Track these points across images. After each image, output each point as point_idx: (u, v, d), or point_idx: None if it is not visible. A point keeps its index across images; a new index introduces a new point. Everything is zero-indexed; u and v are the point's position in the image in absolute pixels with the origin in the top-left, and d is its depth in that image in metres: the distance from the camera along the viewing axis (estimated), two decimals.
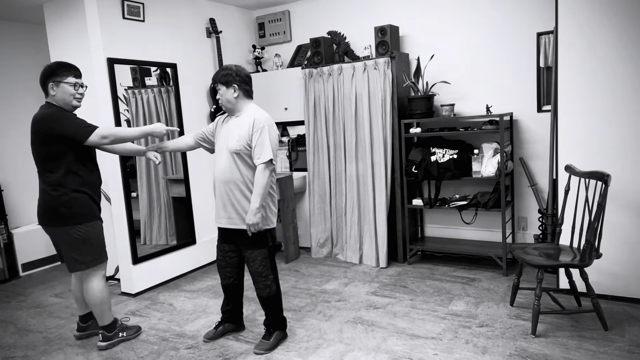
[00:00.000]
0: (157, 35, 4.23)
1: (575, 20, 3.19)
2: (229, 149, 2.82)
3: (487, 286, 3.74)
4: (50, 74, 2.82)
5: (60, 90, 2.82)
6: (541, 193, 4.11)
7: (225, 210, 2.89)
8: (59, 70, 2.83)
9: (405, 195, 4.32)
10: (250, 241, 2.87)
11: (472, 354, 2.74)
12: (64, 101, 2.84)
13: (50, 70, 2.83)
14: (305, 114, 4.67)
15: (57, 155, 2.80)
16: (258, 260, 2.90)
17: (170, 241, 4.45)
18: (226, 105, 2.89)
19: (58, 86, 2.81)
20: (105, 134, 2.85)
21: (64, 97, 2.83)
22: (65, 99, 2.83)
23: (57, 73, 2.82)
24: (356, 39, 4.65)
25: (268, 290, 2.94)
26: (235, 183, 2.82)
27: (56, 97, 2.82)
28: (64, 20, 3.98)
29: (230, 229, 2.92)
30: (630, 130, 3.13)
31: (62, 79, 2.82)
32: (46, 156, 2.82)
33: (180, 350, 3.05)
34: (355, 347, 2.92)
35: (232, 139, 2.83)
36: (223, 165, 2.86)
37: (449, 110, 4.15)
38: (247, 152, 2.79)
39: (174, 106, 4.37)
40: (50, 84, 2.81)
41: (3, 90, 4.93)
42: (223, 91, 2.85)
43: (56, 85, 2.81)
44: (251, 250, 2.90)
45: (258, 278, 2.93)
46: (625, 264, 3.23)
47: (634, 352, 2.65)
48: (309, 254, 4.88)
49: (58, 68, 2.84)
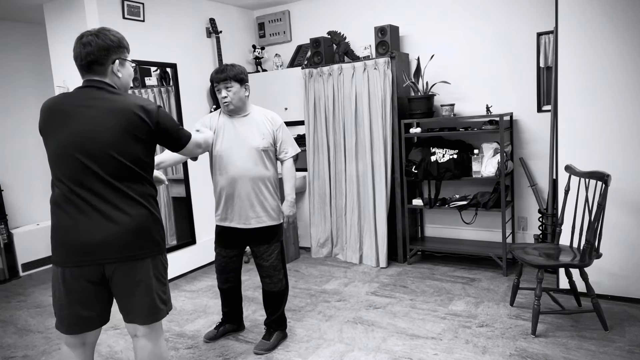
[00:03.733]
0: (157, 35, 4.23)
1: (575, 20, 3.19)
2: (253, 147, 2.77)
3: (487, 286, 3.74)
4: (118, 47, 1.99)
5: (126, 72, 2.04)
6: (541, 193, 4.11)
7: (253, 210, 2.81)
8: (125, 43, 2.03)
9: (405, 195, 4.32)
10: (268, 236, 2.86)
11: (472, 354, 2.74)
12: (127, 86, 2.08)
13: (118, 41, 1.99)
14: (305, 114, 4.67)
15: (149, 157, 2.02)
16: (275, 254, 2.89)
17: (170, 241, 4.45)
18: (236, 104, 2.79)
19: (124, 65, 2.02)
20: (200, 141, 2.22)
21: (128, 81, 2.08)
22: (129, 83, 2.09)
23: (124, 47, 2.02)
24: (356, 39, 4.65)
25: (280, 284, 2.94)
26: (263, 180, 2.80)
27: (122, 79, 2.02)
28: (64, 20, 3.98)
29: (244, 229, 2.85)
30: (630, 130, 3.13)
31: (127, 57, 2.04)
32: (138, 159, 1.95)
33: (180, 350, 3.05)
34: (355, 347, 2.92)
35: (254, 137, 2.79)
36: (246, 164, 2.77)
37: (449, 110, 4.15)
38: (272, 149, 2.86)
39: (174, 106, 4.37)
40: (117, 60, 1.98)
41: (3, 90, 4.93)
42: (236, 89, 2.75)
43: (122, 64, 2.01)
44: (268, 245, 2.87)
45: (273, 272, 2.90)
46: (625, 264, 3.23)
47: (634, 352, 2.65)
48: (309, 254, 4.88)
49: (124, 40, 2.04)
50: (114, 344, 3.19)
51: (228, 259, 2.97)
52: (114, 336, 3.30)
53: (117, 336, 3.30)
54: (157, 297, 2.01)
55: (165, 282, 2.06)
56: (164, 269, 2.06)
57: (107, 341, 3.24)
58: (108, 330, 3.41)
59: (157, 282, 2.01)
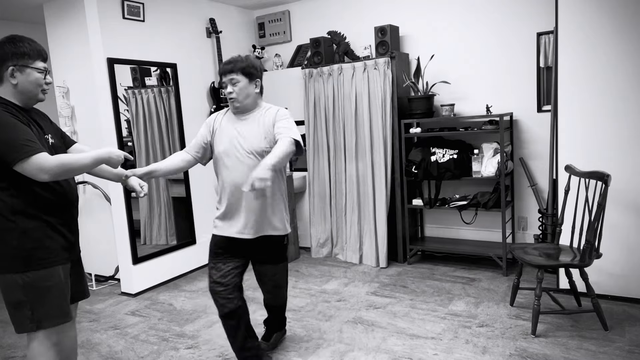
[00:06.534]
0: (157, 35, 4.23)
1: (575, 20, 3.19)
2: (255, 150, 2.41)
3: (487, 286, 3.74)
4: (11, 54, 1.92)
5: (25, 79, 1.95)
6: (541, 193, 4.11)
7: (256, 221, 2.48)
8: (22, 48, 1.93)
9: (405, 195, 4.32)
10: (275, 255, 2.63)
11: (472, 354, 2.74)
12: (28, 94, 1.98)
13: (11, 48, 1.92)
14: (305, 114, 4.67)
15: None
16: (280, 273, 2.70)
17: (170, 241, 4.45)
18: (243, 101, 2.44)
19: (23, 72, 1.94)
20: (49, 166, 1.85)
21: (29, 87, 1.96)
22: (30, 90, 1.97)
23: (22, 53, 1.93)
24: (356, 39, 4.65)
25: (282, 299, 2.83)
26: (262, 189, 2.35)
27: (18, 87, 1.94)
28: (64, 20, 3.98)
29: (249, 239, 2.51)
30: (630, 130, 3.13)
31: (29, 62, 1.95)
32: None
33: (180, 350, 3.05)
34: (355, 347, 2.92)
35: (256, 139, 2.43)
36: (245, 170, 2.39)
37: (449, 110, 4.15)
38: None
39: (174, 106, 4.37)
40: (11, 67, 1.92)
41: None
42: (244, 84, 2.40)
43: (20, 70, 1.93)
44: (273, 265, 2.65)
45: (278, 291, 2.74)
46: (625, 264, 3.23)
47: (634, 352, 2.65)
48: (309, 254, 4.88)
49: (21, 45, 1.93)
50: (114, 344, 3.19)
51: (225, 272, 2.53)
52: (113, 336, 3.31)
53: (117, 336, 3.30)
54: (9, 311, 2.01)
55: (14, 304, 1.97)
56: (10, 289, 1.96)
57: (107, 341, 3.24)
58: (108, 330, 3.41)
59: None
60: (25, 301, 1.95)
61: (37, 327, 1.98)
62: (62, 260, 2.03)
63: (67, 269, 2.08)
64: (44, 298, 1.97)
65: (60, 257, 2.02)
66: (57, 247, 2.01)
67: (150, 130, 4.27)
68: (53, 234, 2.00)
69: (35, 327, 1.98)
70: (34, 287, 1.95)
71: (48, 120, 2.19)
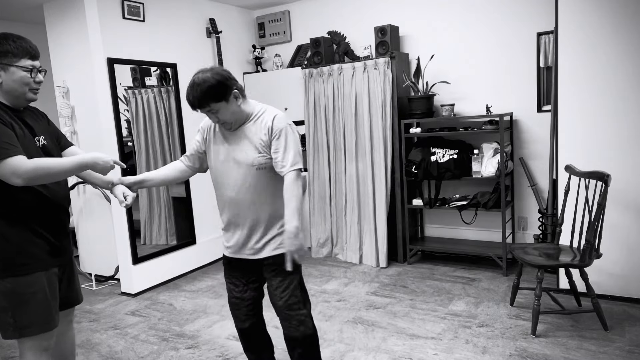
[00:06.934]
0: (157, 35, 4.23)
1: (575, 20, 3.19)
2: (249, 163, 2.17)
3: (487, 286, 3.74)
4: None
5: (9, 78, 1.89)
6: (541, 193, 4.11)
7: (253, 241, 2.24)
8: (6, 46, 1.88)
9: (405, 195, 4.32)
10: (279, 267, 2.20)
11: (472, 354, 2.74)
12: (14, 93, 1.91)
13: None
14: (305, 114, 4.67)
15: None
16: (289, 289, 2.24)
17: (170, 241, 4.45)
18: (233, 119, 2.17)
19: (7, 71, 1.88)
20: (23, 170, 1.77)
21: (13, 86, 1.90)
22: (16, 89, 1.91)
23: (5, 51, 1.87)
24: (356, 39, 4.65)
25: (303, 327, 2.28)
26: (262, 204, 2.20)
27: (3, 86, 1.89)
28: (64, 20, 3.98)
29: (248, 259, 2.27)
30: (630, 130, 3.13)
31: (13, 61, 1.88)
32: None
33: (180, 350, 3.05)
34: (355, 347, 2.92)
35: (250, 150, 2.18)
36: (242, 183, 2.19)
37: (449, 110, 4.15)
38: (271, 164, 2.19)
39: (174, 106, 4.37)
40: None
41: None
42: (223, 107, 2.10)
43: (4, 69, 1.88)
44: (281, 278, 2.23)
45: (289, 313, 2.26)
46: (625, 264, 3.23)
47: (634, 352, 2.65)
48: (309, 254, 4.88)
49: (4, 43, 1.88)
50: (114, 344, 3.19)
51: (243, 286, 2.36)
52: (114, 336, 3.31)
53: (117, 336, 3.30)
54: None
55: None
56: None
57: (107, 341, 3.24)
58: (108, 330, 3.41)
59: None
60: (7, 307, 1.90)
61: (19, 334, 1.93)
62: (46, 266, 1.95)
63: (54, 275, 1.99)
64: (26, 305, 1.91)
65: (44, 263, 1.94)
66: (40, 252, 1.93)
67: (150, 130, 4.27)
68: (36, 240, 1.92)
69: (18, 335, 1.93)
70: (15, 293, 1.89)
71: (45, 121, 2.11)
